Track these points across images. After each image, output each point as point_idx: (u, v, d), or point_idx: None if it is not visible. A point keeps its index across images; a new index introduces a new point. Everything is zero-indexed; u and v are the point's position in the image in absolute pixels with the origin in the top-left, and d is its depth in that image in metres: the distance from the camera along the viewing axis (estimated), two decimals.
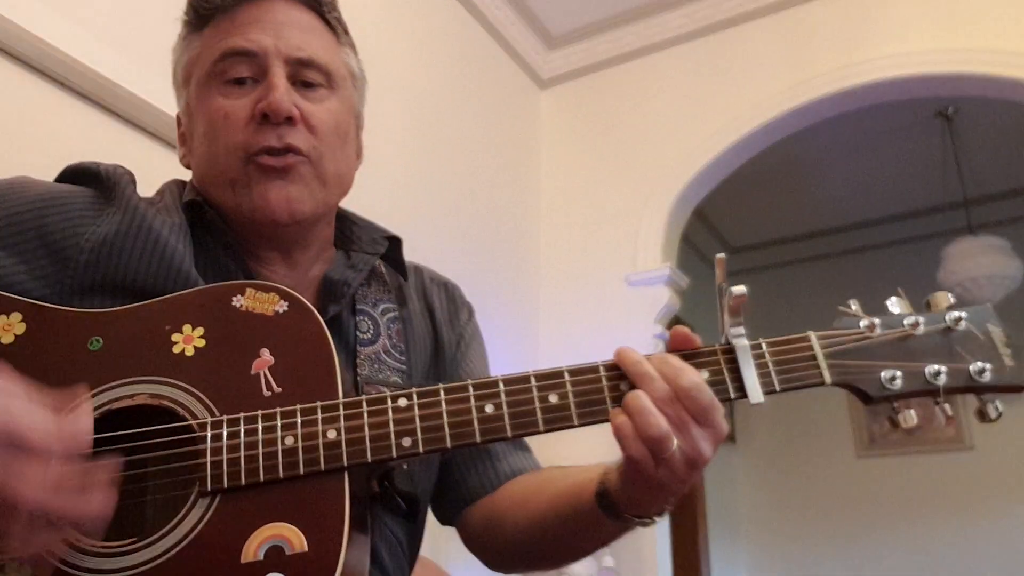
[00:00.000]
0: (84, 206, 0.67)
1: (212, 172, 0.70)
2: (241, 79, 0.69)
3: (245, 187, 0.68)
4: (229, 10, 0.70)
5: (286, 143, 0.68)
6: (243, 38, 0.69)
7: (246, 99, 0.68)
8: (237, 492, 0.55)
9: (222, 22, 0.71)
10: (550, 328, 2.67)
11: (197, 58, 0.71)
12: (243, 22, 0.70)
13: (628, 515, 0.62)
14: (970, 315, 0.61)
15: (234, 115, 0.68)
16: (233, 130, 0.68)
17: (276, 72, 0.68)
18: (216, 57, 0.69)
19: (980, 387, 0.59)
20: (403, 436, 0.57)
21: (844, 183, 3.89)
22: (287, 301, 0.62)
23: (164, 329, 0.61)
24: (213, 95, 0.69)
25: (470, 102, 2.55)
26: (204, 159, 0.70)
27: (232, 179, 0.68)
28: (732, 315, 0.60)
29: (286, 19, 0.71)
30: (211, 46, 0.70)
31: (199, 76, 0.71)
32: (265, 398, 0.58)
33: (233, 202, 0.69)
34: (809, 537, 4.00)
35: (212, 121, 0.69)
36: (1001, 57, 2.22)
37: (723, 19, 2.70)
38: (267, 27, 0.69)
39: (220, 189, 0.70)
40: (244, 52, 0.68)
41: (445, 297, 0.83)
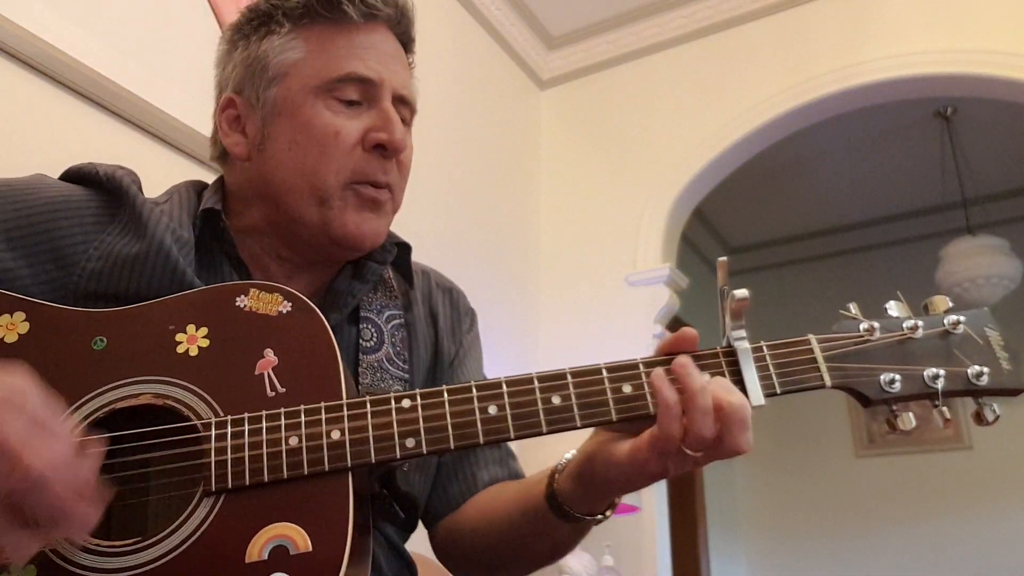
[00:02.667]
0: (94, 212, 0.67)
1: (301, 183, 0.69)
2: (351, 101, 0.69)
3: (339, 210, 0.69)
4: (341, 24, 0.70)
5: (389, 181, 0.71)
6: (365, 65, 0.69)
7: (356, 122, 0.69)
8: (241, 492, 0.55)
9: (335, 35, 0.70)
10: (550, 328, 2.68)
11: (301, 63, 0.70)
12: (360, 45, 0.70)
13: (578, 514, 0.63)
14: (968, 319, 0.62)
15: (345, 136, 0.68)
16: (342, 151, 0.68)
17: (391, 107, 0.70)
18: (336, 76, 0.69)
19: (978, 390, 0.60)
20: (407, 437, 0.57)
21: (843, 183, 3.90)
22: (290, 302, 0.63)
23: (168, 329, 0.61)
24: (321, 109, 0.69)
25: (470, 102, 2.55)
26: (293, 167, 0.69)
27: (324, 197, 0.68)
28: (734, 318, 0.60)
29: (394, 52, 0.73)
30: (326, 60, 0.69)
31: (306, 83, 0.69)
32: (269, 398, 0.58)
33: (317, 218, 0.69)
34: (808, 536, 4.01)
35: (318, 135, 0.68)
36: (1000, 58, 2.23)
37: (722, 20, 2.71)
38: (383, 58, 0.71)
39: (304, 201, 0.69)
40: (365, 80, 0.69)
41: (449, 304, 0.83)
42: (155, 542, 0.54)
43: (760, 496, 4.23)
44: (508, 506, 0.71)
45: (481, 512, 0.75)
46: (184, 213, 0.71)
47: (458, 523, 0.76)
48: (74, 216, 0.66)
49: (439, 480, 0.78)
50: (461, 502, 0.77)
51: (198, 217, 0.71)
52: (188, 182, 0.77)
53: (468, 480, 0.78)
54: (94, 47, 1.41)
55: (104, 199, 0.69)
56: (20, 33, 1.29)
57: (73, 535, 0.52)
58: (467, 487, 0.77)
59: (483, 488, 0.77)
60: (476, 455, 0.79)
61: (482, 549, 0.74)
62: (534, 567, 0.75)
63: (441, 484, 0.78)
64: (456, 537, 0.76)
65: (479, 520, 0.74)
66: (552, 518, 0.64)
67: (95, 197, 0.69)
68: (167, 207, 0.71)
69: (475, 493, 0.77)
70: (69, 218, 0.66)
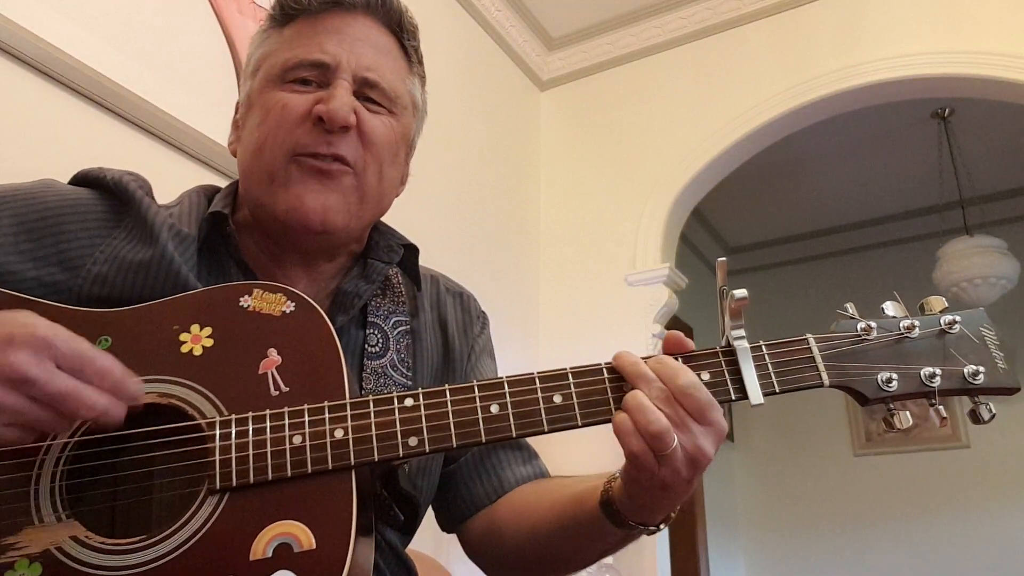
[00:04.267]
0: (101, 216, 0.68)
1: (255, 163, 0.69)
2: (307, 80, 0.69)
3: (283, 185, 0.67)
4: (314, 14, 0.70)
5: (334, 152, 0.67)
6: (319, 49, 0.69)
7: (304, 97, 0.68)
8: (245, 490, 0.56)
9: (305, 25, 0.71)
10: (550, 328, 2.68)
11: (271, 54, 0.72)
12: (323, 30, 0.70)
13: (632, 522, 0.62)
14: (964, 319, 0.62)
15: (291, 108, 0.68)
16: (286, 124, 0.67)
17: (341, 83, 0.68)
18: (288, 64, 0.69)
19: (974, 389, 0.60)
20: (409, 435, 0.58)
21: (841, 183, 3.91)
22: (294, 302, 0.63)
23: (172, 328, 0.61)
24: (275, 89, 0.69)
25: (470, 103, 2.56)
26: (250, 148, 0.70)
27: (271, 173, 0.68)
28: (733, 318, 0.61)
29: (365, 36, 0.71)
30: (289, 47, 0.70)
31: (267, 70, 0.71)
32: (273, 397, 0.59)
33: (268, 198, 0.68)
34: (807, 535, 4.02)
35: (267, 110, 0.69)
36: (997, 59, 2.24)
37: (721, 21, 2.71)
38: (344, 40, 0.70)
39: (258, 182, 0.69)
40: (316, 64, 0.69)
41: (460, 308, 0.83)
42: (160, 540, 0.54)
43: (759, 494, 4.23)
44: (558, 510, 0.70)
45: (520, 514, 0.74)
46: (192, 216, 0.71)
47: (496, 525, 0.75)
48: (80, 220, 0.67)
49: (460, 481, 0.78)
50: (488, 503, 0.77)
51: (204, 220, 0.71)
52: (200, 187, 0.77)
53: (494, 481, 0.77)
54: (97, 49, 1.42)
55: (111, 203, 0.69)
56: (24, 35, 1.29)
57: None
58: (493, 488, 0.77)
59: (511, 488, 0.77)
60: (499, 455, 0.79)
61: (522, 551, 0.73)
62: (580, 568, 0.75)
63: (464, 485, 0.78)
64: (493, 538, 0.76)
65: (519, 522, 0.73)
66: (607, 525, 0.64)
67: (102, 201, 0.69)
68: (176, 210, 0.71)
69: (503, 494, 0.77)
70: (75, 222, 0.66)
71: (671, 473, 0.57)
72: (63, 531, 0.54)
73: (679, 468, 0.57)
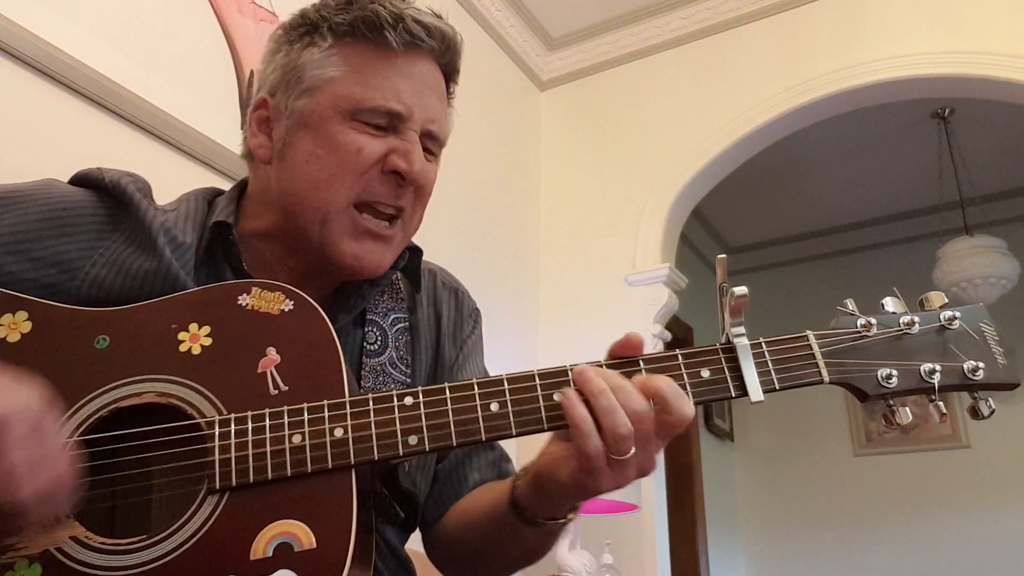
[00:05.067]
0: (100, 219, 0.67)
1: (311, 196, 0.68)
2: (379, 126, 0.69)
3: (339, 234, 0.68)
4: (382, 48, 0.69)
5: (400, 205, 0.70)
6: (396, 98, 0.69)
7: (378, 143, 0.68)
8: (245, 490, 0.56)
9: (374, 60, 0.69)
10: (550, 328, 2.68)
11: (336, 82, 0.69)
12: (398, 73, 0.69)
13: (541, 518, 0.63)
14: (964, 314, 0.62)
15: (367, 154, 0.68)
16: (357, 169, 0.67)
17: (415, 139, 0.70)
18: (366, 104, 0.68)
19: (974, 385, 0.60)
20: (409, 434, 0.58)
21: (841, 183, 3.91)
22: (293, 300, 0.63)
23: (171, 328, 0.61)
24: (346, 128, 0.68)
25: (470, 103, 2.55)
26: (307, 179, 0.68)
27: (328, 216, 0.68)
28: (733, 315, 0.61)
29: (432, 84, 0.72)
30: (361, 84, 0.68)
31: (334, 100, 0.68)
32: (272, 396, 0.59)
33: (318, 236, 0.68)
34: (806, 535, 4.02)
35: (340, 151, 0.67)
36: (997, 59, 2.24)
37: (721, 21, 2.71)
38: (417, 89, 0.70)
39: (309, 216, 0.69)
40: (394, 113, 0.69)
41: (454, 305, 0.83)
42: (160, 540, 0.54)
43: (759, 494, 4.23)
44: (482, 509, 0.71)
45: (460, 514, 0.75)
46: (190, 222, 0.71)
47: (443, 526, 0.76)
48: (79, 222, 0.66)
49: (436, 484, 0.78)
50: (450, 504, 0.77)
51: (207, 229, 0.70)
52: (200, 190, 0.77)
53: (460, 483, 0.78)
54: (97, 49, 1.42)
55: (109, 205, 0.69)
56: (24, 35, 1.29)
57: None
58: (456, 490, 0.77)
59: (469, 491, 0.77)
60: (471, 458, 0.79)
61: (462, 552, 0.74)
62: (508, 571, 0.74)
63: (437, 488, 0.78)
64: (441, 540, 0.76)
65: (458, 522, 0.74)
66: (517, 523, 0.64)
67: (100, 203, 0.69)
68: (173, 215, 0.71)
69: (461, 496, 0.77)
70: (74, 224, 0.66)
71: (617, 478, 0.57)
72: (62, 531, 0.54)
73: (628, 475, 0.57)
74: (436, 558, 0.78)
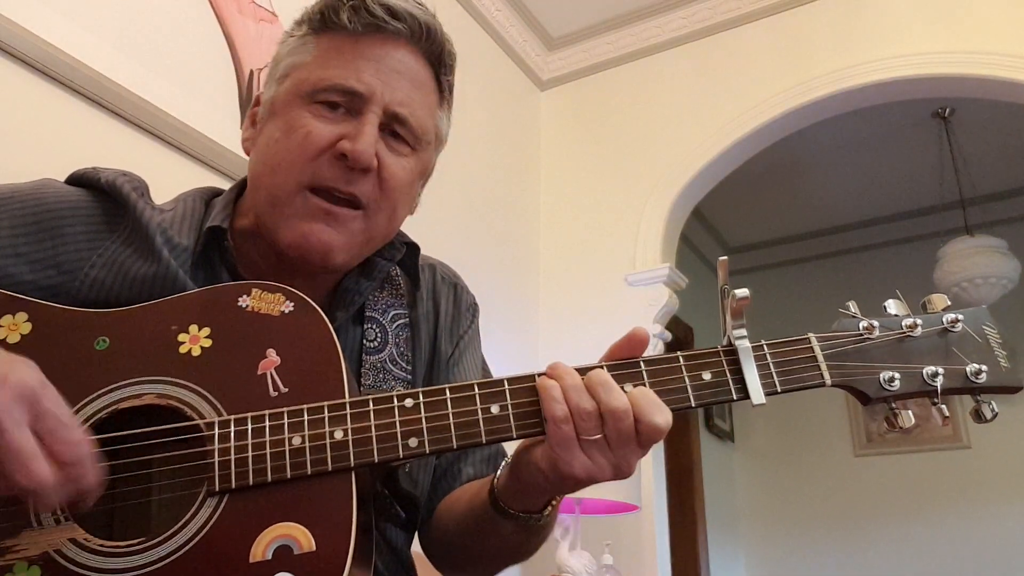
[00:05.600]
0: (97, 220, 0.67)
1: (266, 179, 0.68)
2: (335, 104, 0.67)
3: (288, 216, 0.66)
4: (355, 33, 0.68)
5: (351, 191, 0.67)
6: (355, 77, 0.67)
7: (332, 127, 0.67)
8: (245, 492, 0.55)
9: (343, 43, 0.69)
10: (550, 328, 2.68)
11: (304, 65, 0.69)
12: (361, 55, 0.68)
13: (513, 510, 0.62)
14: (966, 317, 0.62)
15: (314, 138, 0.66)
16: (306, 153, 0.66)
17: (371, 119, 0.67)
18: (322, 83, 0.67)
19: (976, 388, 0.60)
20: (409, 436, 0.57)
21: (841, 183, 3.91)
22: (293, 302, 0.63)
23: (170, 329, 0.61)
24: (302, 108, 0.67)
25: (470, 103, 2.56)
26: (264, 162, 0.69)
27: (278, 197, 0.67)
28: (734, 317, 0.60)
29: (403, 68, 0.69)
30: (323, 65, 0.68)
31: (297, 82, 0.69)
32: (272, 398, 0.59)
33: (271, 221, 0.68)
34: (807, 535, 4.02)
35: (290, 129, 0.67)
36: (997, 59, 2.24)
37: (721, 21, 2.71)
38: (381, 70, 0.68)
39: (265, 200, 0.68)
40: (349, 91, 0.67)
41: (452, 300, 0.83)
42: (159, 542, 0.54)
43: (759, 495, 4.23)
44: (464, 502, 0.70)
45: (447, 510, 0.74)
46: (187, 222, 0.70)
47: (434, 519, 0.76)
48: (77, 223, 0.66)
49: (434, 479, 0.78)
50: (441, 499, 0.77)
51: (203, 233, 0.70)
52: (198, 190, 0.77)
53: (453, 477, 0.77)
54: (97, 49, 1.42)
55: (106, 206, 0.69)
56: (24, 35, 1.29)
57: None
58: (449, 485, 0.77)
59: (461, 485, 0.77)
60: (466, 453, 0.78)
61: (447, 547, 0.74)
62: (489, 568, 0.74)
63: (433, 483, 0.78)
64: (431, 534, 0.76)
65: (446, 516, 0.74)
66: (493, 515, 0.64)
67: (97, 204, 0.68)
68: (170, 215, 0.70)
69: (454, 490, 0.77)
70: (72, 225, 0.66)
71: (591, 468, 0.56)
72: (62, 534, 0.54)
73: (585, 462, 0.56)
74: (429, 553, 0.78)
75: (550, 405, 0.56)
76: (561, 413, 0.56)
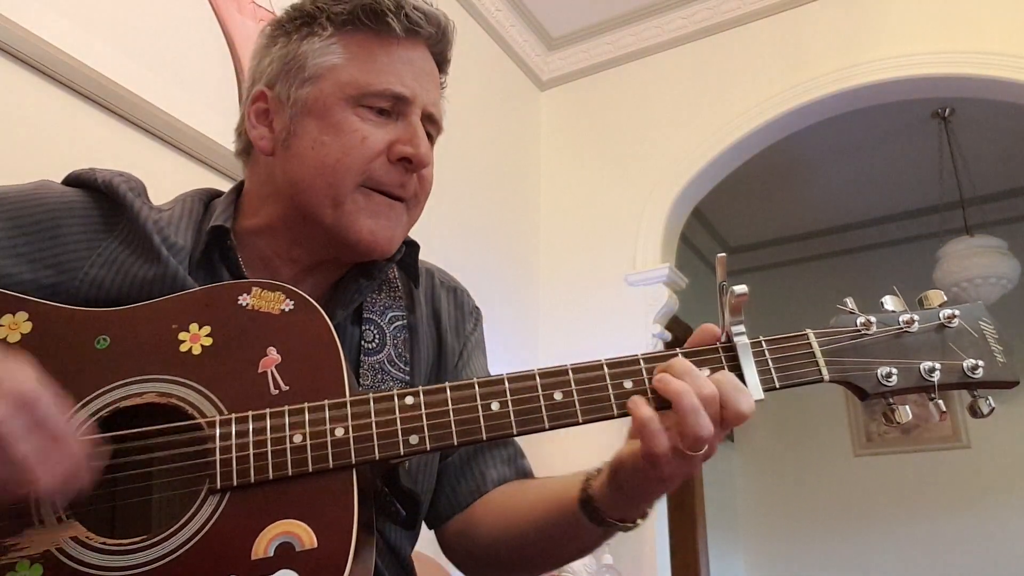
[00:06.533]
0: (95, 220, 0.68)
1: (319, 182, 0.69)
2: (383, 109, 0.70)
3: (354, 212, 0.69)
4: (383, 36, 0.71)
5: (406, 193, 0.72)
6: (401, 82, 0.70)
7: (383, 131, 0.70)
8: (246, 490, 0.56)
9: (375, 47, 0.71)
10: (549, 328, 2.68)
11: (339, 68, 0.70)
12: (399, 59, 0.71)
13: (611, 519, 0.63)
14: (963, 312, 0.62)
15: (372, 143, 0.69)
16: (364, 156, 0.69)
17: (417, 123, 0.71)
18: (373, 90, 0.69)
19: (973, 383, 0.60)
20: (410, 433, 0.58)
21: (841, 183, 3.91)
22: (293, 300, 0.63)
23: (171, 328, 0.61)
24: (351, 114, 0.69)
25: (470, 103, 2.56)
26: (314, 165, 0.69)
27: (338, 199, 0.69)
28: (733, 313, 0.61)
29: (429, 69, 0.74)
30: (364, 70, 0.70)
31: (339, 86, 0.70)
32: (273, 396, 0.59)
33: (331, 219, 0.69)
34: (807, 535, 4.02)
35: (345, 137, 0.69)
36: (997, 59, 2.24)
37: (721, 21, 2.71)
38: (418, 74, 0.72)
39: (320, 200, 0.69)
40: (398, 97, 0.70)
41: (453, 304, 0.83)
42: (161, 540, 0.54)
43: (759, 495, 4.23)
44: (534, 509, 0.70)
45: (498, 513, 0.74)
46: (184, 222, 0.71)
47: (472, 523, 0.76)
48: (76, 223, 0.67)
49: (447, 480, 0.78)
50: (470, 501, 0.77)
51: (205, 233, 0.70)
52: (197, 191, 0.77)
53: (477, 479, 0.77)
54: (97, 49, 1.42)
55: (103, 206, 0.69)
56: (24, 35, 1.29)
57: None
58: (476, 486, 0.77)
59: (492, 487, 0.77)
60: (485, 454, 0.79)
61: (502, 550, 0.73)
62: (556, 567, 0.75)
63: (450, 484, 0.77)
64: (470, 538, 0.76)
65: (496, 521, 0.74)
66: (585, 522, 0.64)
67: (95, 204, 0.69)
68: (167, 215, 0.71)
69: (484, 492, 0.77)
70: (70, 225, 0.66)
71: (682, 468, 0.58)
72: (63, 532, 0.54)
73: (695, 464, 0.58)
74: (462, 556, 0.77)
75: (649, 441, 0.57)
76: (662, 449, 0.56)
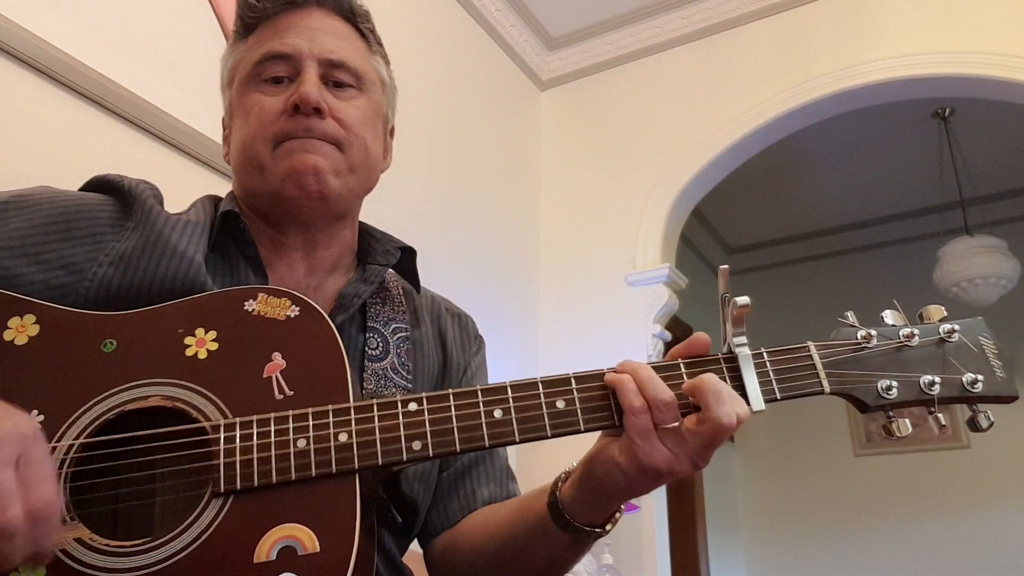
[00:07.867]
0: (107, 220, 0.68)
1: (245, 161, 0.73)
2: (279, 78, 0.73)
3: (273, 168, 0.71)
4: (271, 18, 0.75)
5: (313, 133, 0.71)
6: (280, 42, 0.73)
7: (281, 95, 0.72)
8: (249, 493, 0.56)
9: (265, 29, 0.75)
10: (550, 328, 2.69)
11: (239, 62, 0.76)
12: (283, 27, 0.74)
13: (577, 523, 0.62)
14: (963, 328, 0.63)
15: (268, 108, 0.72)
16: (266, 120, 0.71)
17: (308, 70, 0.72)
18: (256, 60, 0.74)
19: (973, 397, 0.61)
20: (413, 439, 0.58)
21: (841, 183, 3.91)
22: (298, 306, 0.63)
23: (177, 332, 0.62)
24: (252, 92, 0.73)
25: (470, 103, 2.56)
26: (239, 150, 0.74)
27: (260, 163, 0.71)
28: (735, 325, 0.61)
29: (321, 26, 0.75)
30: (252, 50, 0.75)
31: (240, 77, 0.75)
32: (277, 401, 0.59)
33: (263, 185, 0.72)
34: (807, 535, 4.03)
35: (247, 112, 0.73)
36: (997, 59, 2.24)
37: (721, 21, 2.72)
38: (303, 32, 0.74)
39: (252, 176, 0.73)
40: (281, 55, 0.73)
41: (458, 327, 0.85)
42: (164, 542, 0.55)
43: (759, 495, 4.24)
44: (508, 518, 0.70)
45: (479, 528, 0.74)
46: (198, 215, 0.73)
47: (456, 540, 0.76)
48: (85, 224, 0.67)
49: (438, 497, 0.78)
50: (459, 519, 0.77)
51: (217, 218, 0.73)
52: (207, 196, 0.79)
53: (468, 497, 0.77)
54: (97, 49, 1.42)
55: (119, 207, 0.70)
56: (24, 35, 1.29)
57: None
58: (466, 504, 0.77)
59: (482, 505, 0.77)
60: (477, 473, 0.79)
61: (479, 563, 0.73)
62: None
63: (441, 501, 0.78)
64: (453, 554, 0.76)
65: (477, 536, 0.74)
66: (552, 528, 0.64)
67: (109, 205, 0.70)
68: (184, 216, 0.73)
69: (473, 510, 0.77)
70: (79, 227, 0.67)
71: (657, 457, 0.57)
72: (67, 533, 0.55)
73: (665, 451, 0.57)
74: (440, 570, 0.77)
75: (628, 396, 0.58)
76: (639, 403, 0.57)
